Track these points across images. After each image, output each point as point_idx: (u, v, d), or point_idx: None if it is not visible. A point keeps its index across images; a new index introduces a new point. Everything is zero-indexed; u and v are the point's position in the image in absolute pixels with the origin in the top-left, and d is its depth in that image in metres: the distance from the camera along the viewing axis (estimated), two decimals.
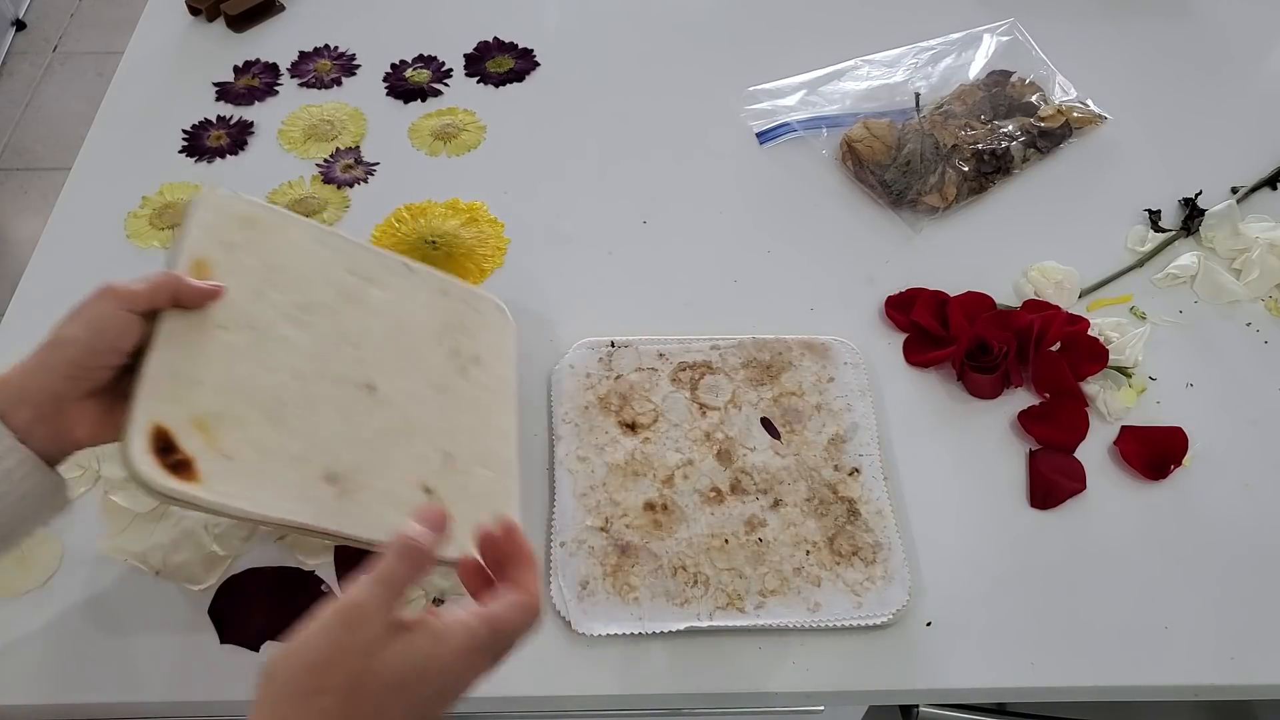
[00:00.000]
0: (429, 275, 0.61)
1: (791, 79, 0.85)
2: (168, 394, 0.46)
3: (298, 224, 0.57)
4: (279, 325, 0.52)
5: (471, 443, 0.56)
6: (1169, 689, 0.55)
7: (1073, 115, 0.81)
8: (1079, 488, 0.61)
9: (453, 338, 0.59)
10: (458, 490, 0.53)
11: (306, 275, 0.55)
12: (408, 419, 0.54)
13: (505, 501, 0.55)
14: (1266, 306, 0.71)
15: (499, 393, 0.60)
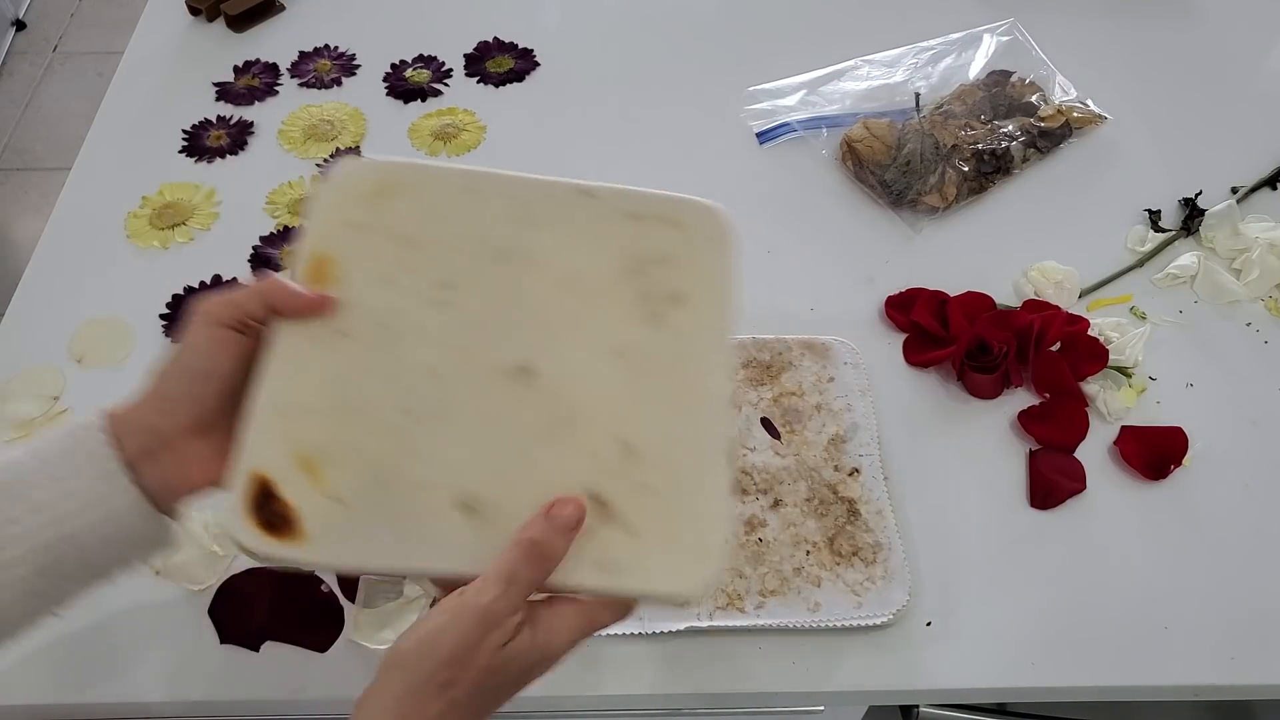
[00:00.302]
0: (615, 196, 0.47)
1: (791, 79, 0.85)
2: (271, 430, 0.41)
3: (441, 175, 0.47)
4: (414, 314, 0.43)
5: (662, 422, 0.43)
6: (1169, 689, 0.55)
7: (1073, 115, 0.81)
8: (1079, 488, 0.61)
9: (645, 275, 0.46)
10: (639, 492, 0.42)
11: (450, 240, 0.45)
12: (573, 404, 0.43)
13: (712, 493, 0.42)
14: (1266, 306, 0.71)
15: (708, 337, 0.45)
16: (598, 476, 0.42)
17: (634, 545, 0.41)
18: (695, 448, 0.43)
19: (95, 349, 0.68)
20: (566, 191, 0.47)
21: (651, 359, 0.44)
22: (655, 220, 0.47)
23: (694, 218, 0.47)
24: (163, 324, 0.69)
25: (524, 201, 0.46)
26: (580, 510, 0.40)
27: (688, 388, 0.44)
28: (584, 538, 0.40)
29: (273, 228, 0.75)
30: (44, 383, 0.66)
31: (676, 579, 0.41)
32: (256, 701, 0.54)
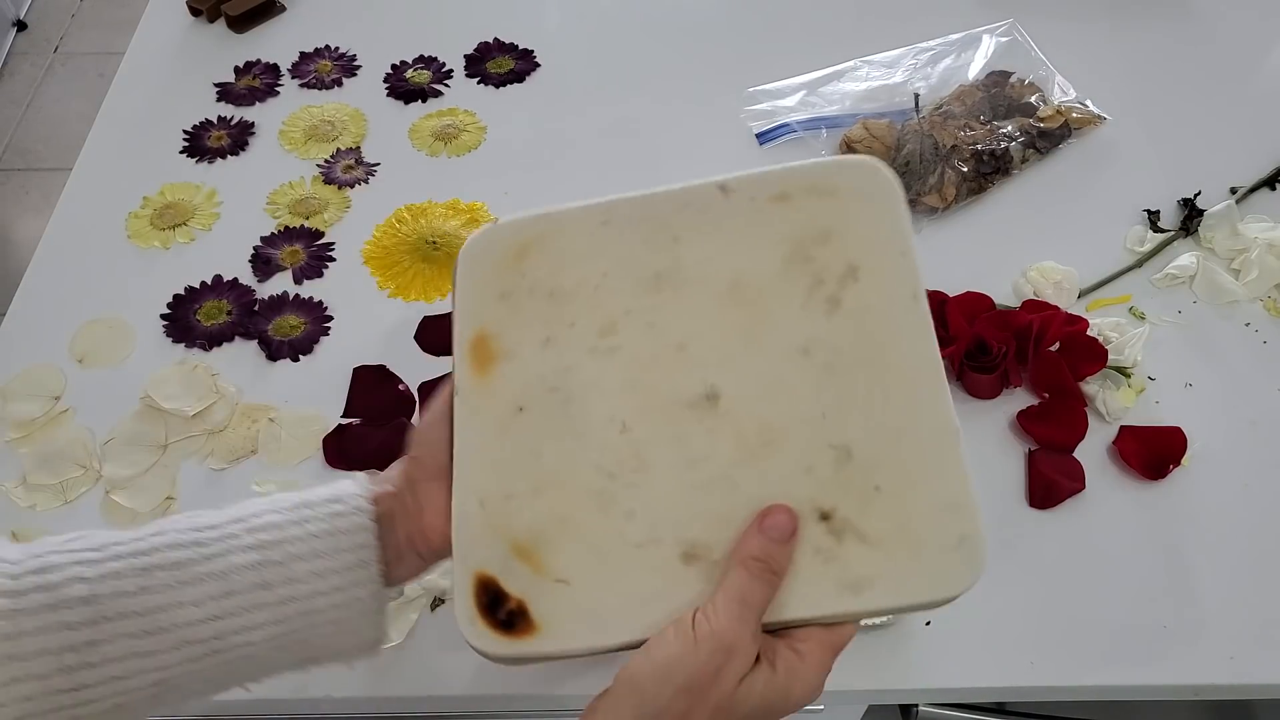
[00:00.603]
0: (755, 183, 0.43)
1: (791, 79, 0.86)
2: (480, 526, 0.40)
3: (574, 217, 0.44)
4: (584, 369, 0.41)
5: (873, 413, 0.40)
6: (1169, 689, 0.55)
7: (1072, 116, 0.81)
8: (1078, 487, 0.61)
9: (810, 259, 0.42)
10: (868, 498, 0.38)
11: (599, 282, 0.43)
12: (770, 421, 0.40)
13: (947, 474, 0.39)
14: (1265, 307, 0.71)
15: (896, 305, 0.41)
16: (819, 491, 0.38)
17: (878, 557, 0.38)
18: (916, 431, 0.39)
19: (96, 349, 0.68)
20: (702, 194, 0.43)
21: (841, 348, 0.40)
22: (805, 194, 0.43)
23: (847, 179, 0.43)
24: (163, 324, 0.69)
25: (662, 219, 0.43)
26: (791, 517, 0.38)
27: (889, 367, 0.40)
28: (823, 561, 0.38)
29: (273, 228, 0.75)
30: (45, 383, 0.66)
31: (936, 582, 0.37)
32: (256, 701, 0.54)
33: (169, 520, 0.41)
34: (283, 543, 0.40)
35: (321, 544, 0.41)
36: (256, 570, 0.40)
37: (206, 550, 0.39)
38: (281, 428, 0.64)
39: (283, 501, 0.42)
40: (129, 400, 0.65)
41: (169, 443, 0.63)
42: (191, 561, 0.39)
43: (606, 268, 0.43)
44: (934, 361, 0.40)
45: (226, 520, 0.41)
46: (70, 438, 0.63)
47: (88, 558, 0.39)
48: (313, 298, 0.71)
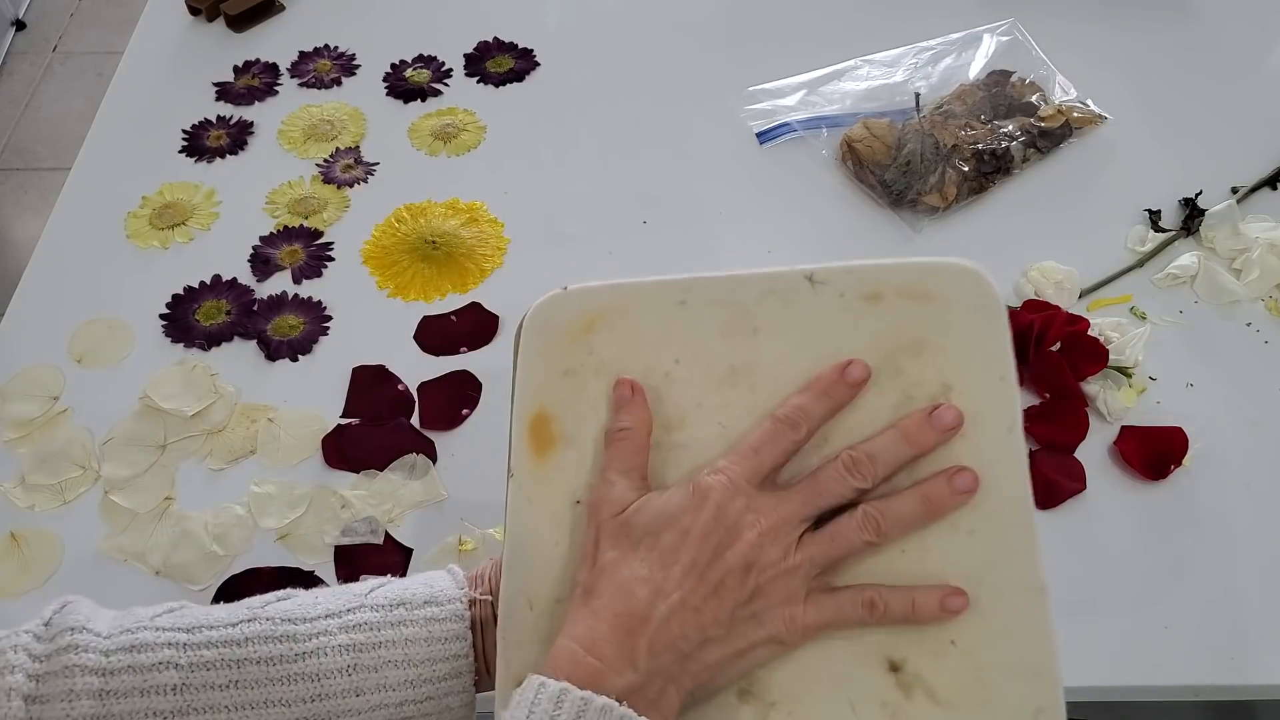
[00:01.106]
0: (847, 278, 0.39)
1: (791, 79, 0.85)
2: (530, 630, 0.38)
3: (645, 294, 0.40)
4: (651, 466, 0.38)
5: (955, 557, 0.36)
6: (1169, 689, 0.55)
7: (1073, 115, 0.81)
8: (1079, 488, 0.61)
9: (898, 373, 0.38)
10: (943, 650, 0.36)
11: (668, 369, 0.39)
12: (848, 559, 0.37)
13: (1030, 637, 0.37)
14: (1267, 306, 0.71)
15: (987, 433, 0.37)
16: (890, 638, 0.36)
17: (947, 719, 0.35)
18: (1000, 583, 0.36)
19: (95, 349, 0.68)
20: (787, 283, 0.39)
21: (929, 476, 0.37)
22: (899, 297, 0.39)
23: (946, 285, 0.39)
24: (162, 324, 0.69)
25: (742, 306, 0.39)
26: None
27: (977, 507, 0.36)
28: (889, 716, 0.35)
29: (272, 228, 0.75)
30: (44, 383, 0.66)
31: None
32: None
33: (260, 603, 0.40)
34: (378, 646, 0.39)
35: (417, 651, 0.40)
36: (348, 675, 0.39)
37: (298, 647, 0.39)
38: (280, 428, 0.63)
39: (378, 597, 0.41)
40: (128, 400, 0.65)
41: (168, 443, 0.63)
42: (284, 659, 0.38)
43: (679, 354, 0.39)
44: (1027, 507, 0.37)
45: (320, 614, 0.40)
46: (69, 438, 0.63)
47: (180, 640, 0.38)
48: (312, 297, 0.71)
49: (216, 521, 0.59)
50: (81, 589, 0.56)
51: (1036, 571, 0.36)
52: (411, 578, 0.43)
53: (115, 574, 0.57)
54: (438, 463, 0.62)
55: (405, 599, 0.41)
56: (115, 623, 0.39)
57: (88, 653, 0.37)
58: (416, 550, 0.58)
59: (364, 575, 0.56)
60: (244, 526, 0.59)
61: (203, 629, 0.39)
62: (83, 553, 0.58)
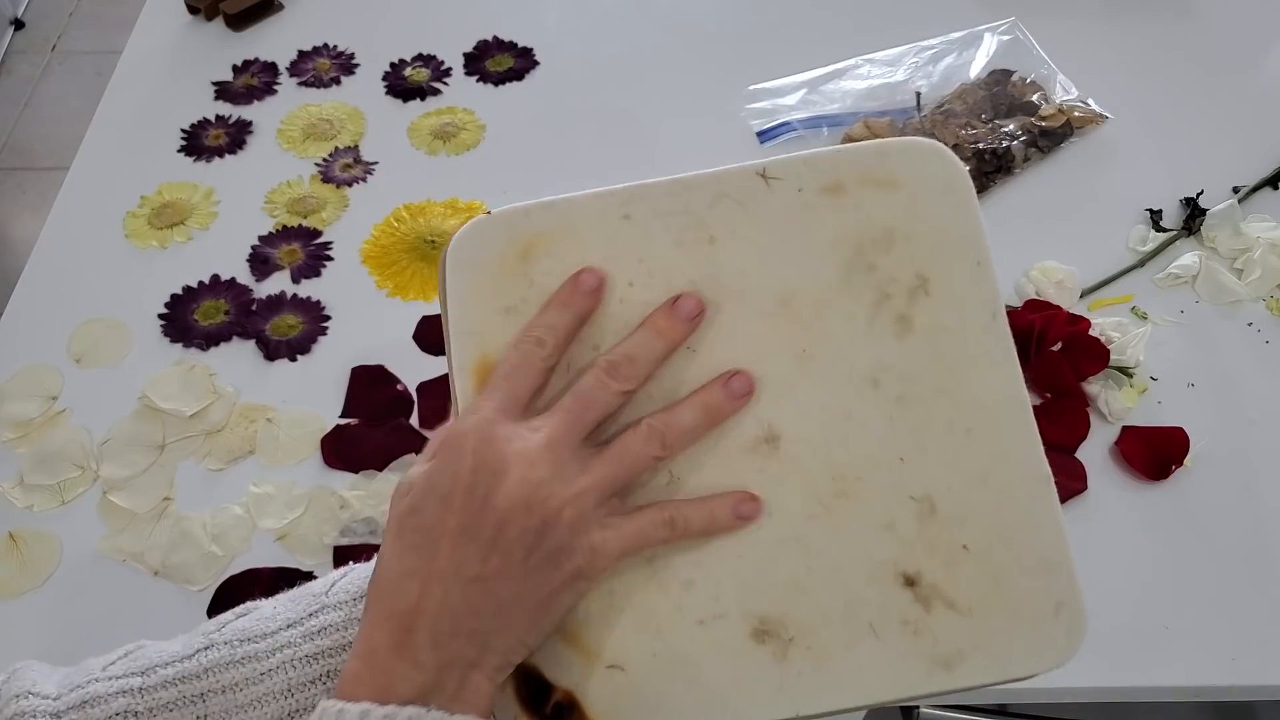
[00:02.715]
0: (802, 170, 0.36)
1: (792, 78, 0.85)
2: None
3: (583, 210, 0.36)
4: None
5: (953, 458, 0.35)
6: (1169, 689, 0.55)
7: (1074, 115, 0.81)
8: (1080, 488, 0.61)
9: (872, 267, 0.35)
10: (956, 557, 0.34)
11: (622, 294, 0.35)
12: (841, 466, 0.34)
13: (1041, 531, 0.35)
14: (1268, 306, 0.71)
15: (970, 323, 0.36)
16: (901, 552, 0.34)
17: (970, 627, 0.34)
18: (1004, 478, 0.34)
19: (94, 349, 0.68)
20: (741, 184, 0.36)
21: (915, 379, 0.35)
22: (862, 186, 0.35)
23: (909, 168, 0.36)
24: (161, 324, 0.69)
25: (695, 214, 0.35)
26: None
27: (970, 401, 0.35)
28: (912, 634, 0.34)
29: (271, 227, 0.75)
30: (42, 383, 0.66)
31: (1034, 655, 0.34)
32: None
33: (215, 626, 0.38)
34: (346, 647, 0.36)
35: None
36: (322, 683, 0.36)
37: (261, 665, 0.36)
38: (279, 428, 0.63)
39: (339, 592, 0.38)
40: (126, 400, 0.65)
41: (166, 443, 0.63)
42: (249, 681, 0.36)
43: (632, 275, 0.35)
44: (1020, 395, 0.35)
45: (280, 626, 0.37)
46: (67, 438, 0.63)
47: (134, 685, 0.36)
48: (311, 297, 0.71)
49: (215, 522, 0.59)
50: (80, 589, 0.56)
51: (1038, 462, 0.35)
52: (370, 563, 0.38)
53: (114, 574, 0.57)
54: None
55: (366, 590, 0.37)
56: (66, 681, 0.37)
57: (36, 718, 0.35)
58: None
59: None
60: (243, 527, 0.59)
61: (157, 669, 0.36)
62: (81, 553, 0.58)
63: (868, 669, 0.33)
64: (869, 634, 0.34)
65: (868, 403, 0.35)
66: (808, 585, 0.34)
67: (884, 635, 0.34)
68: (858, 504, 0.34)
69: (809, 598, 0.34)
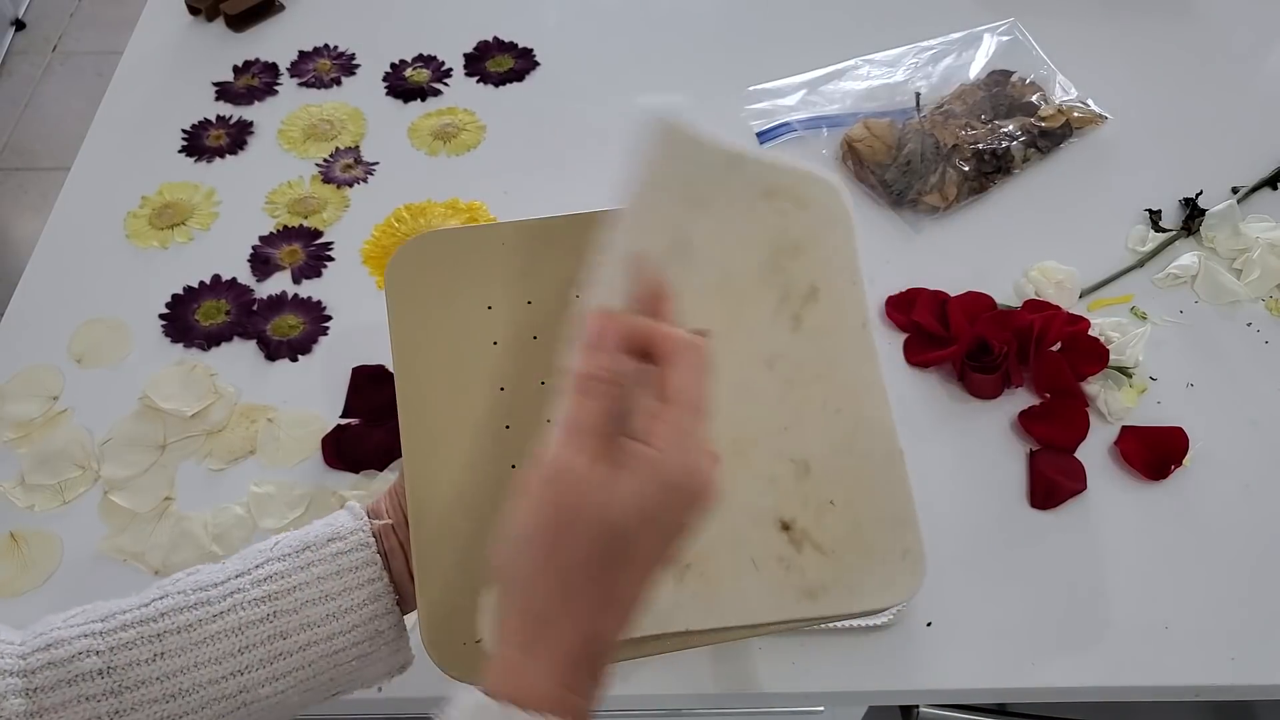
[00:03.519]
0: (754, 168, 0.41)
1: (791, 79, 0.85)
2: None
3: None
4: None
5: (826, 431, 0.41)
6: (1169, 689, 0.55)
7: (1073, 115, 0.81)
8: (1079, 488, 0.61)
9: (782, 270, 0.41)
10: (824, 510, 0.40)
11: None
12: (740, 429, 0.40)
13: (892, 493, 0.42)
14: (1267, 306, 0.71)
15: (844, 328, 0.42)
16: (780, 502, 0.40)
17: (833, 566, 0.40)
18: (865, 451, 0.41)
19: (95, 349, 0.68)
20: (709, 164, 0.40)
21: (800, 365, 0.41)
22: (786, 199, 0.42)
23: (817, 196, 0.42)
24: (162, 324, 0.69)
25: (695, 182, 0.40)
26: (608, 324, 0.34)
27: (841, 388, 0.42)
28: (784, 569, 0.40)
29: (272, 227, 0.75)
30: (43, 383, 0.66)
31: (884, 590, 0.41)
32: None
33: (169, 581, 0.41)
34: (292, 590, 0.40)
35: (331, 585, 0.40)
36: (269, 622, 0.39)
37: (214, 609, 0.39)
38: (280, 428, 0.63)
39: (283, 547, 0.41)
40: (127, 400, 0.65)
41: (167, 443, 0.63)
42: (202, 622, 0.39)
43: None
44: (880, 387, 0.43)
45: (229, 575, 0.41)
46: (68, 438, 0.63)
47: (94, 629, 0.38)
48: (311, 297, 0.71)
49: (216, 522, 0.59)
50: (81, 589, 0.56)
51: (892, 438, 0.42)
52: (313, 523, 0.43)
53: (115, 574, 0.57)
54: None
55: (309, 542, 0.41)
56: (26, 631, 0.40)
57: (4, 658, 0.38)
58: None
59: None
60: (243, 526, 0.59)
61: (116, 615, 0.39)
62: (82, 553, 0.58)
63: (749, 595, 0.40)
64: (751, 566, 0.40)
65: (764, 380, 0.41)
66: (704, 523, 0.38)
67: (762, 568, 0.40)
68: (749, 461, 0.40)
69: (704, 533, 0.37)
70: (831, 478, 0.41)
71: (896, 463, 0.42)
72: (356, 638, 0.41)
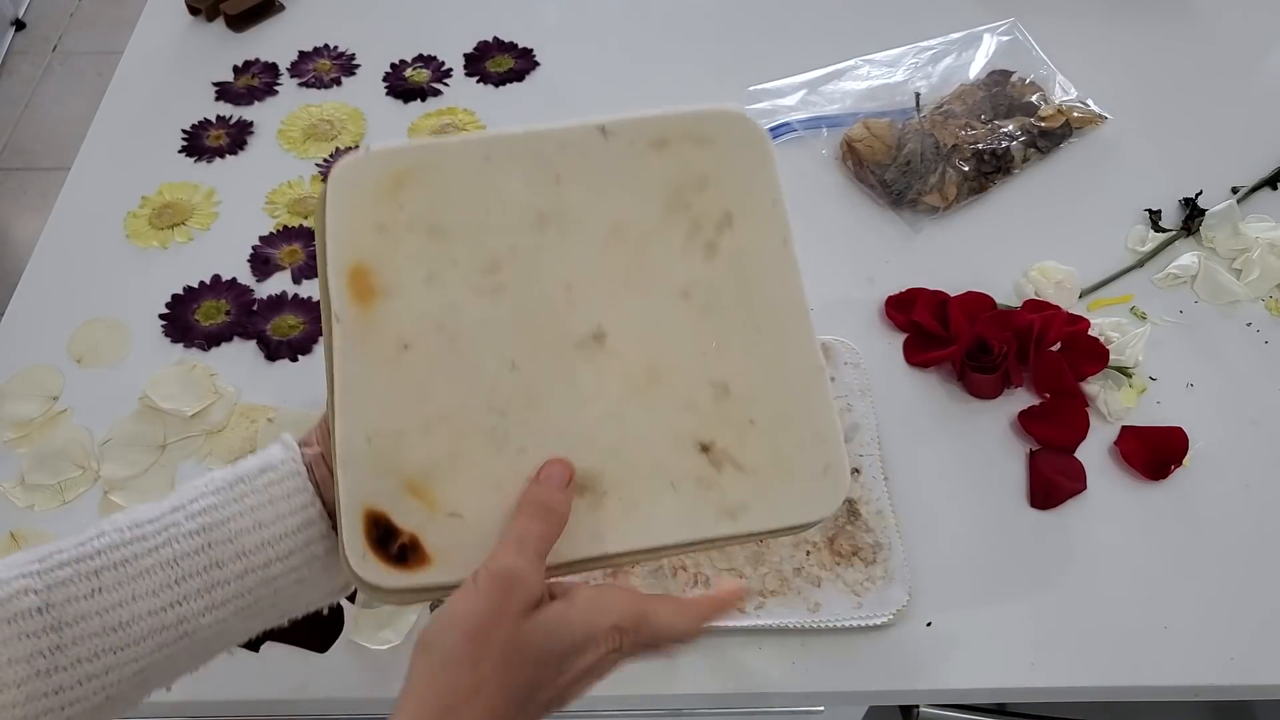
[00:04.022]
0: (634, 128, 0.44)
1: (792, 79, 0.85)
2: (368, 462, 0.40)
3: (449, 151, 0.43)
4: (470, 308, 0.42)
5: (747, 353, 0.43)
6: (1169, 689, 0.55)
7: (1073, 115, 0.81)
8: (1079, 488, 0.61)
9: (688, 205, 0.44)
10: (743, 431, 0.42)
11: (482, 219, 0.42)
12: (654, 359, 0.42)
13: (814, 409, 0.42)
14: (1267, 306, 0.71)
15: (768, 250, 0.44)
16: (699, 425, 0.41)
17: (753, 484, 0.41)
18: (786, 369, 0.42)
19: (95, 349, 0.68)
20: (582, 135, 0.44)
21: (718, 291, 0.43)
22: (682, 142, 0.44)
23: (721, 128, 0.45)
24: (162, 324, 0.69)
25: (545, 158, 0.43)
26: (567, 468, 0.40)
27: (762, 309, 0.43)
28: (704, 489, 0.41)
29: (272, 227, 0.75)
30: (43, 383, 0.66)
31: (805, 506, 0.42)
32: (256, 701, 0.54)
33: (107, 521, 0.41)
34: (226, 521, 0.41)
35: (264, 514, 0.41)
36: (205, 553, 0.40)
37: (149, 543, 0.40)
38: (280, 428, 0.63)
39: (217, 481, 0.42)
40: (127, 400, 0.65)
41: (167, 443, 0.63)
42: (137, 556, 0.40)
43: (489, 205, 0.43)
44: (801, 304, 0.43)
45: (164, 511, 0.41)
46: (68, 438, 0.63)
47: (30, 569, 0.39)
48: (312, 297, 0.71)
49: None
50: None
51: (814, 354, 0.43)
52: (247, 458, 0.44)
53: None
54: None
55: (242, 475, 0.42)
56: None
57: None
58: None
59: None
60: None
61: (52, 555, 0.40)
62: None
63: (668, 516, 0.41)
64: (669, 489, 0.41)
65: (679, 310, 0.43)
66: (621, 450, 0.41)
67: (681, 489, 0.41)
68: (666, 388, 0.42)
69: (621, 460, 0.41)
70: (752, 397, 0.42)
71: (818, 379, 0.42)
72: (292, 564, 0.41)
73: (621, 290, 0.42)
